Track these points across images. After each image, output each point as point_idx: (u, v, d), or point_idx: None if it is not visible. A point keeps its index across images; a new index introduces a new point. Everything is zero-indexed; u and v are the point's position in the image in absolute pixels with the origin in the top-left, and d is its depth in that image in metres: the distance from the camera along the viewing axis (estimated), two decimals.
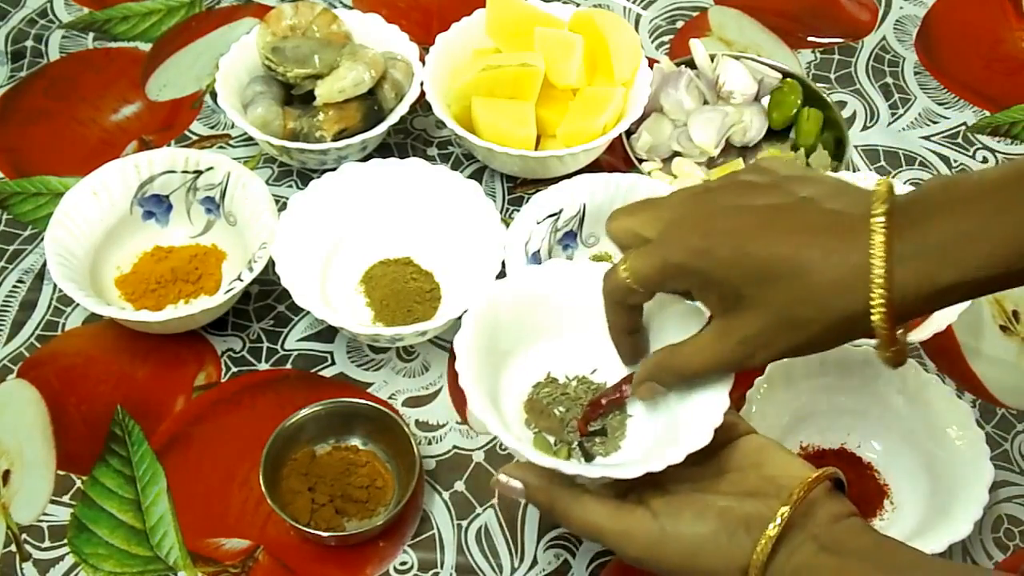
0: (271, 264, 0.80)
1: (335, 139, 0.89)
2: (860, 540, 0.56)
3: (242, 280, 0.79)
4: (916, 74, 1.06)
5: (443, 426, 0.80)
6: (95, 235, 0.84)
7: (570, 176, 0.87)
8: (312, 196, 0.84)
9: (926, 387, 0.76)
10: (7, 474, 0.77)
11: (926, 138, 1.00)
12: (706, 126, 0.95)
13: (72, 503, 0.76)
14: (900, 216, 0.53)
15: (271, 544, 0.74)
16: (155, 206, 0.87)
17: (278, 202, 0.85)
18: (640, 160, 0.95)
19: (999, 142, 1.00)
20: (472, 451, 0.79)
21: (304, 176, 0.94)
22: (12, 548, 0.73)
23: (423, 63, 0.94)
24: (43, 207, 0.92)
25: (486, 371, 0.67)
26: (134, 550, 0.74)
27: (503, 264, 0.80)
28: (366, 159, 0.87)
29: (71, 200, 0.82)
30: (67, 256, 0.80)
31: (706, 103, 0.98)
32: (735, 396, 0.81)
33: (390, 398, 0.81)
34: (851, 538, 0.56)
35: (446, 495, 0.77)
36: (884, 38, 1.09)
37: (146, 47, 1.05)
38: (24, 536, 0.74)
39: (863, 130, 1.01)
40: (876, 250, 0.52)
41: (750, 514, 0.56)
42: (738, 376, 0.83)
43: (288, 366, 0.83)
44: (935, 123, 1.01)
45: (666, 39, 1.08)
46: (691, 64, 1.00)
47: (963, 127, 1.01)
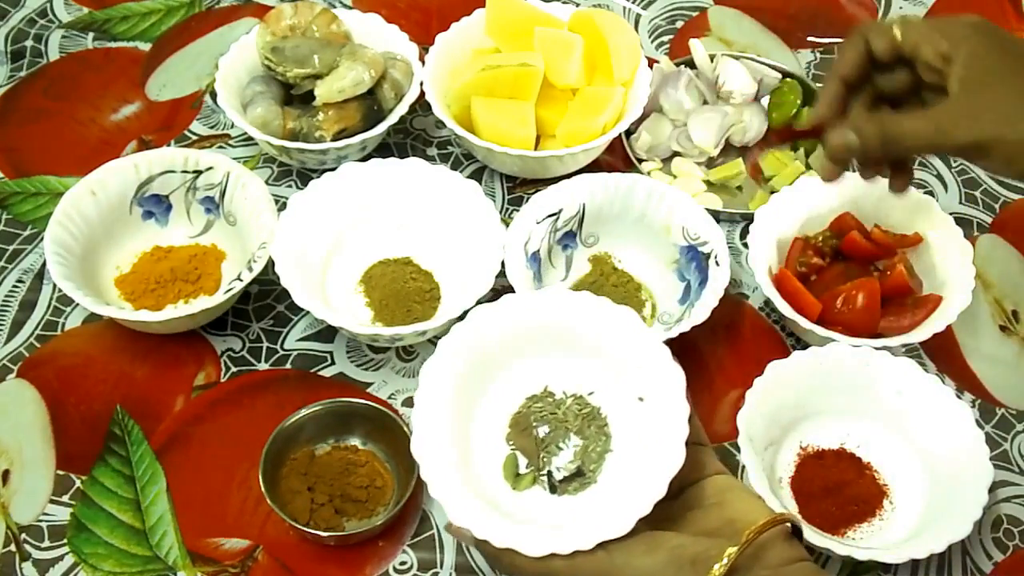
0: (271, 264, 0.80)
1: (335, 139, 0.90)
2: None
3: (241, 280, 0.79)
4: None
5: None
6: (95, 235, 0.84)
7: (570, 176, 0.87)
8: (312, 196, 0.84)
9: (926, 387, 0.76)
10: (7, 474, 0.77)
11: None
12: (706, 126, 0.95)
13: (71, 503, 0.76)
14: None
15: (270, 544, 0.74)
16: (155, 206, 0.87)
17: (278, 202, 0.85)
18: (640, 160, 0.95)
19: None
20: None
21: (304, 176, 0.94)
22: (12, 548, 0.73)
23: (423, 63, 0.94)
24: (43, 207, 0.92)
25: (461, 395, 0.69)
26: (133, 550, 0.74)
27: (503, 264, 0.80)
28: (366, 159, 0.87)
29: (71, 200, 0.82)
30: (67, 256, 0.80)
31: (706, 103, 0.98)
32: (734, 397, 0.81)
33: (389, 398, 0.81)
34: None
35: None
36: None
37: (146, 47, 1.05)
38: (24, 536, 0.74)
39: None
40: None
41: (699, 552, 0.58)
42: (737, 376, 0.83)
43: (287, 366, 0.83)
44: None
45: (666, 39, 1.08)
46: (691, 64, 1.00)
47: None
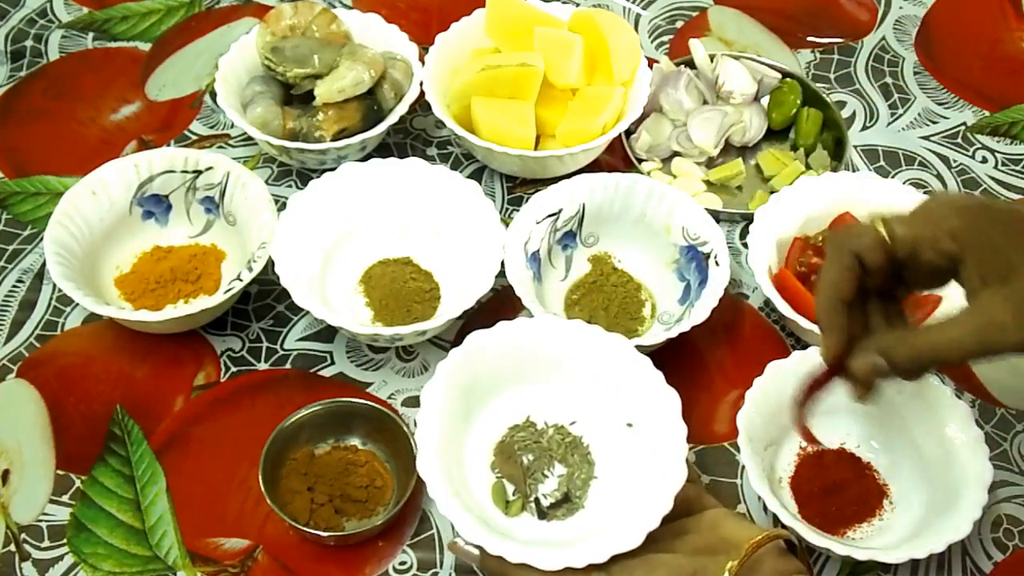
0: (270, 264, 0.80)
1: (334, 139, 0.89)
2: None
3: (241, 280, 0.79)
4: (916, 74, 1.06)
5: None
6: (94, 235, 0.84)
7: (569, 176, 0.87)
8: (311, 196, 0.84)
9: (926, 387, 0.76)
10: (6, 474, 0.77)
11: (926, 138, 1.00)
12: (705, 126, 0.95)
13: (71, 503, 0.75)
14: None
15: (270, 544, 0.74)
16: (154, 206, 0.87)
17: (277, 202, 0.85)
18: (639, 160, 0.95)
19: (999, 142, 1.00)
20: None
21: (304, 176, 0.94)
22: (11, 548, 0.73)
23: (422, 63, 0.94)
24: (42, 207, 0.92)
25: (457, 417, 0.70)
26: (133, 550, 0.74)
27: (502, 264, 0.80)
28: (365, 159, 0.87)
29: (70, 200, 0.82)
30: (66, 256, 0.80)
31: (706, 103, 0.98)
32: (734, 397, 0.81)
33: (389, 398, 0.81)
34: None
35: None
36: (884, 38, 1.09)
37: (146, 47, 1.05)
38: (23, 536, 0.74)
39: (863, 130, 1.01)
40: None
41: (699, 568, 0.59)
42: (737, 376, 0.83)
43: (287, 366, 0.83)
44: (935, 123, 1.01)
45: (666, 39, 1.08)
46: (691, 64, 1.00)
47: (963, 127, 1.01)
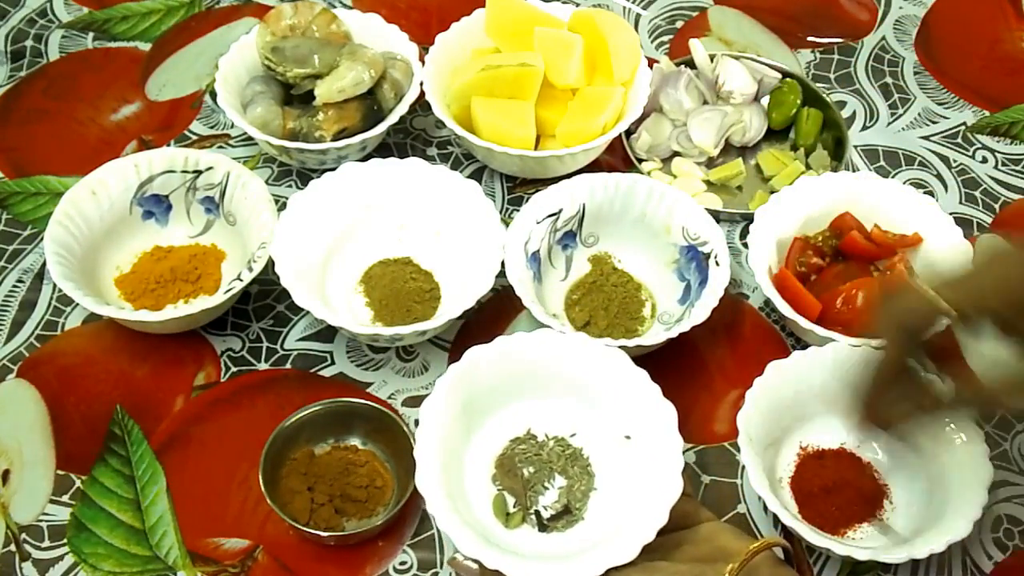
0: (270, 264, 0.80)
1: (335, 139, 0.89)
2: None
3: (241, 280, 0.79)
4: (916, 74, 1.06)
5: None
6: (95, 235, 0.84)
7: (569, 176, 0.87)
8: (312, 196, 0.84)
9: None
10: (7, 474, 0.77)
11: (926, 138, 1.00)
12: (705, 126, 0.95)
13: (71, 503, 0.75)
14: None
15: (270, 544, 0.74)
16: (155, 206, 0.87)
17: (278, 202, 0.85)
18: (640, 160, 0.95)
19: (999, 142, 1.00)
20: None
21: (304, 176, 0.94)
22: (12, 548, 0.73)
23: (423, 63, 0.94)
24: (43, 207, 0.92)
25: (456, 431, 0.70)
26: (133, 550, 0.74)
27: (503, 264, 0.80)
28: (366, 159, 0.87)
29: (70, 200, 0.82)
30: (67, 256, 0.80)
31: (706, 103, 0.98)
32: (734, 397, 0.81)
33: (389, 398, 0.81)
34: None
35: None
36: (884, 38, 1.09)
37: (146, 47, 1.05)
38: (23, 536, 0.74)
39: (863, 130, 1.01)
40: None
41: (697, 575, 0.60)
42: (737, 376, 0.83)
43: (287, 366, 0.83)
44: (935, 123, 1.01)
45: (666, 39, 1.08)
46: (691, 64, 1.00)
47: (963, 127, 1.01)
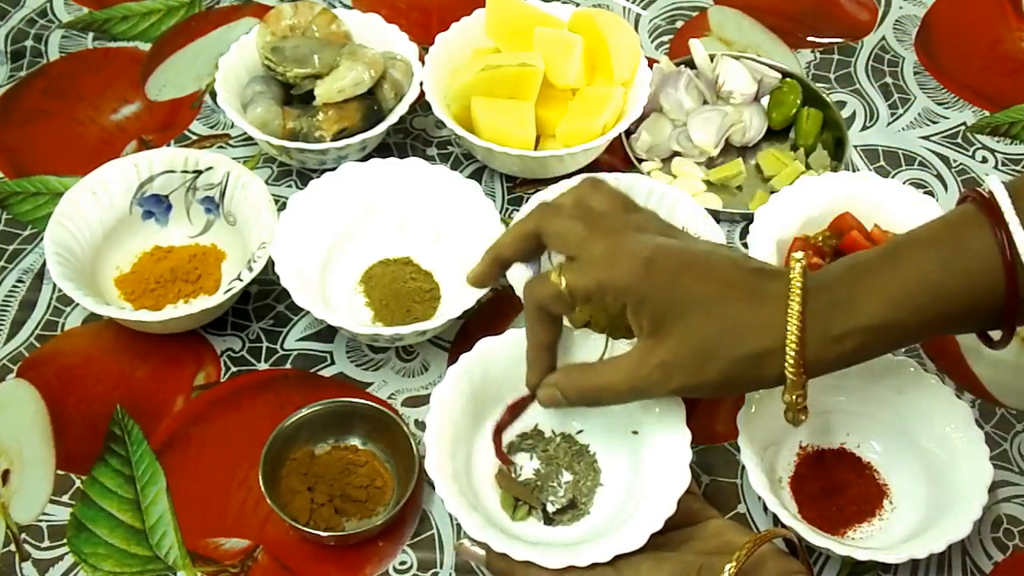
0: (270, 264, 0.80)
1: (335, 139, 0.89)
2: None
3: (241, 280, 0.79)
4: (916, 74, 1.06)
5: None
6: (94, 235, 0.84)
7: (569, 176, 0.87)
8: (312, 196, 0.84)
9: (926, 387, 0.76)
10: (6, 474, 0.77)
11: (926, 138, 1.00)
12: (705, 126, 0.95)
13: (71, 503, 0.75)
14: (812, 280, 0.61)
15: (270, 544, 0.74)
16: (155, 206, 0.87)
17: (278, 202, 0.85)
18: (639, 160, 0.95)
19: (998, 142, 1.00)
20: None
21: (304, 176, 0.94)
22: (11, 548, 0.73)
23: (423, 63, 0.94)
24: (42, 207, 0.92)
25: (464, 421, 0.71)
26: (133, 550, 0.74)
27: None
28: (366, 159, 0.87)
29: (70, 200, 0.82)
30: (66, 256, 0.80)
31: (706, 103, 0.98)
32: (734, 397, 0.81)
33: (389, 398, 0.81)
34: None
35: None
36: (884, 38, 1.09)
37: (146, 47, 1.05)
38: (23, 536, 0.74)
39: (863, 130, 1.01)
40: (793, 304, 0.60)
41: (704, 564, 0.61)
42: None
43: (287, 366, 0.83)
44: (935, 123, 1.01)
45: (666, 39, 1.08)
46: (691, 64, 1.00)
47: (962, 127, 1.01)
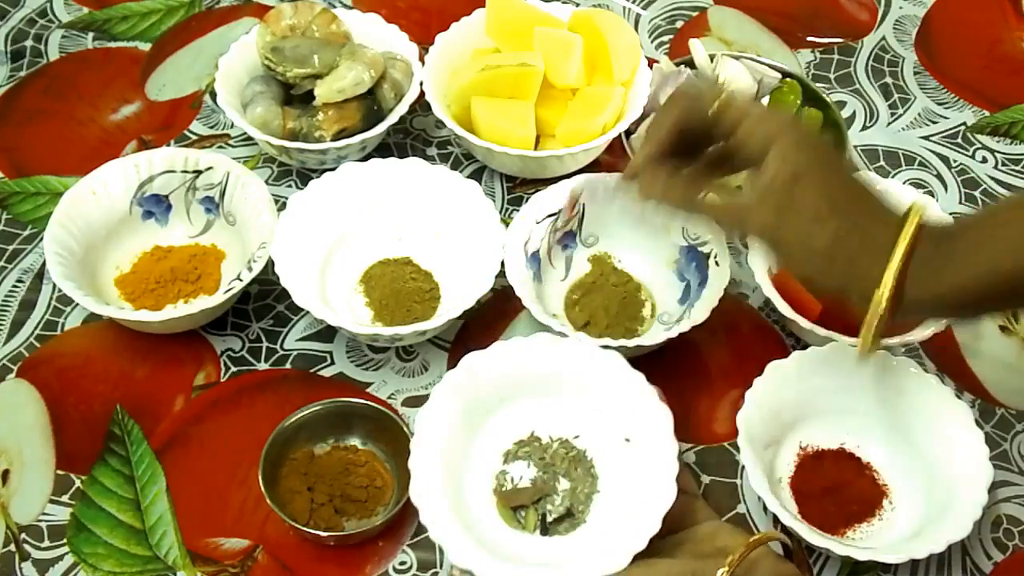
0: (270, 264, 0.80)
1: (334, 139, 0.89)
2: None
3: (241, 280, 0.79)
4: (916, 74, 1.06)
5: None
6: (94, 235, 0.84)
7: (569, 176, 0.87)
8: (311, 196, 0.84)
9: (926, 387, 0.76)
10: (6, 474, 0.77)
11: (925, 138, 1.00)
12: None
13: (71, 503, 0.75)
14: (926, 231, 0.61)
15: (270, 544, 0.74)
16: (154, 206, 0.87)
17: (277, 202, 0.85)
18: None
19: (998, 142, 1.00)
20: None
21: (304, 176, 0.94)
22: (11, 548, 0.73)
23: (423, 63, 0.94)
24: (42, 207, 0.92)
25: (455, 438, 0.71)
26: (133, 550, 0.74)
27: (502, 264, 0.80)
28: (365, 159, 0.87)
29: (70, 200, 0.82)
30: (66, 256, 0.80)
31: None
32: (734, 397, 0.81)
33: (389, 398, 0.81)
34: None
35: None
36: (884, 38, 1.09)
37: (146, 47, 1.05)
38: (23, 536, 0.74)
39: (863, 130, 1.01)
40: (904, 239, 0.60)
41: (697, 569, 0.61)
42: (737, 376, 0.83)
43: (287, 366, 0.83)
44: (935, 123, 1.01)
45: (666, 39, 1.08)
46: (691, 64, 1.00)
47: (962, 127, 1.01)
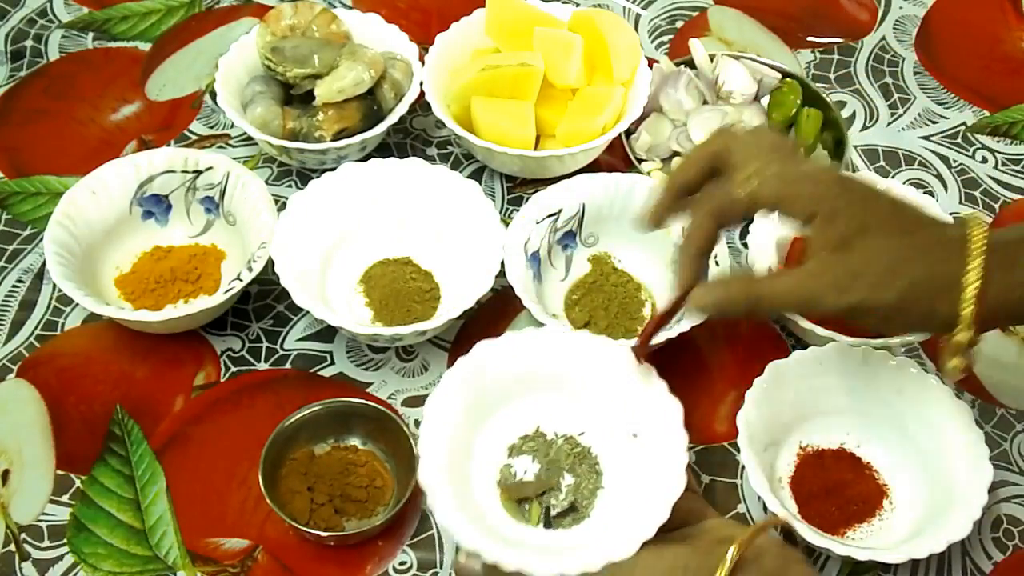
0: (270, 264, 0.80)
1: (334, 139, 0.89)
2: None
3: (241, 280, 0.79)
4: (915, 74, 1.06)
5: None
6: (94, 235, 0.84)
7: (569, 176, 0.87)
8: (311, 196, 0.84)
9: (926, 387, 0.76)
10: (6, 474, 0.77)
11: (925, 138, 1.00)
12: (705, 126, 0.95)
13: (71, 503, 0.76)
14: (994, 241, 0.61)
15: (270, 544, 0.74)
16: (154, 206, 0.87)
17: (277, 202, 0.85)
18: (639, 160, 0.95)
19: (998, 142, 1.00)
20: None
21: (304, 176, 0.94)
22: (11, 548, 0.73)
23: (423, 63, 0.94)
24: (42, 207, 0.92)
25: (464, 427, 0.70)
26: (133, 550, 0.74)
27: (502, 264, 0.80)
28: (365, 159, 0.87)
29: (70, 200, 0.82)
30: (66, 256, 0.80)
31: (705, 103, 0.98)
32: (734, 397, 0.81)
33: (389, 398, 0.81)
34: None
35: None
36: (884, 38, 1.09)
37: (146, 47, 1.05)
38: (23, 536, 0.74)
39: (863, 130, 1.01)
40: (977, 242, 0.61)
41: (704, 555, 0.60)
42: (737, 376, 0.83)
43: (287, 366, 0.83)
44: (934, 123, 1.01)
45: (666, 39, 1.08)
46: (691, 64, 1.00)
47: (962, 127, 1.01)
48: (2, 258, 0.89)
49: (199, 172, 0.86)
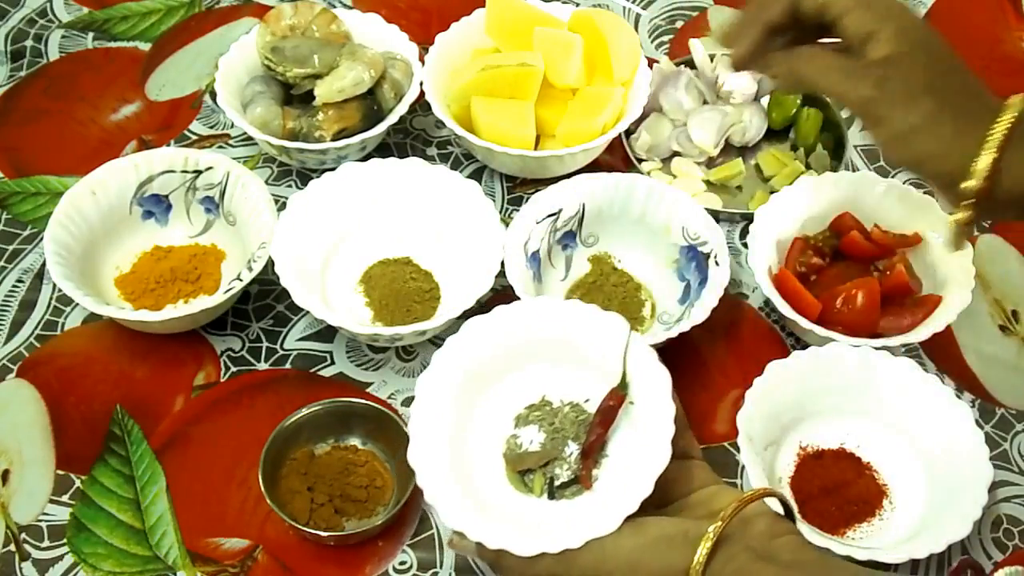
0: (270, 264, 0.80)
1: (334, 139, 0.89)
2: (799, 554, 0.58)
3: (241, 280, 0.79)
4: None
5: None
6: (94, 235, 0.84)
7: (569, 176, 0.87)
8: (311, 196, 0.84)
9: (926, 387, 0.76)
10: (6, 473, 0.77)
11: None
12: (705, 126, 0.95)
13: (71, 503, 0.76)
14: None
15: (270, 544, 0.74)
16: (154, 206, 0.87)
17: (277, 202, 0.85)
18: (639, 160, 0.95)
19: None
20: None
21: (304, 176, 0.94)
22: (11, 547, 0.73)
23: (422, 63, 0.94)
24: (42, 207, 0.92)
25: (456, 405, 0.69)
26: (133, 549, 0.74)
27: (502, 264, 0.80)
28: (365, 159, 0.87)
29: (70, 200, 0.82)
30: (66, 255, 0.80)
31: (705, 103, 0.98)
32: (734, 397, 0.81)
33: (389, 398, 0.81)
34: (788, 551, 0.58)
35: None
36: None
37: (146, 47, 1.05)
38: (23, 535, 0.74)
39: (862, 130, 1.00)
40: (1000, 128, 0.63)
41: (689, 528, 0.59)
42: (737, 376, 0.83)
43: (287, 366, 0.83)
44: None
45: (665, 39, 1.08)
46: (690, 64, 1.00)
47: None
48: (2, 258, 0.89)
49: (199, 172, 0.86)
